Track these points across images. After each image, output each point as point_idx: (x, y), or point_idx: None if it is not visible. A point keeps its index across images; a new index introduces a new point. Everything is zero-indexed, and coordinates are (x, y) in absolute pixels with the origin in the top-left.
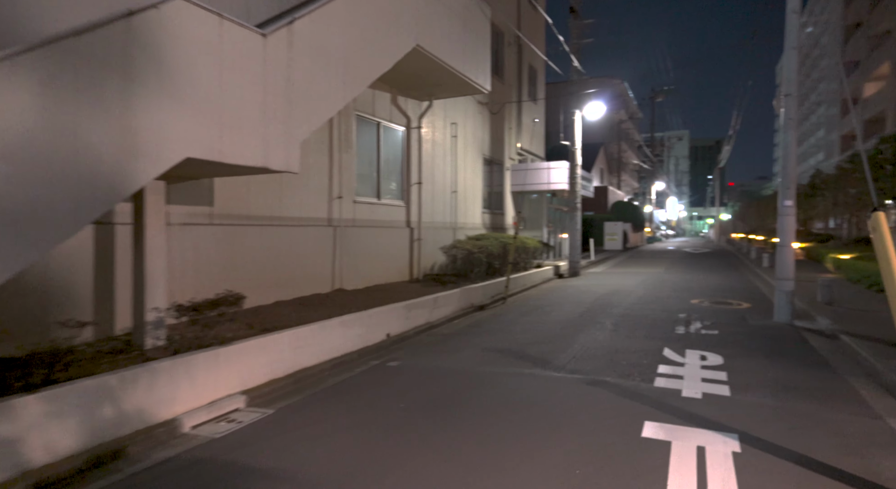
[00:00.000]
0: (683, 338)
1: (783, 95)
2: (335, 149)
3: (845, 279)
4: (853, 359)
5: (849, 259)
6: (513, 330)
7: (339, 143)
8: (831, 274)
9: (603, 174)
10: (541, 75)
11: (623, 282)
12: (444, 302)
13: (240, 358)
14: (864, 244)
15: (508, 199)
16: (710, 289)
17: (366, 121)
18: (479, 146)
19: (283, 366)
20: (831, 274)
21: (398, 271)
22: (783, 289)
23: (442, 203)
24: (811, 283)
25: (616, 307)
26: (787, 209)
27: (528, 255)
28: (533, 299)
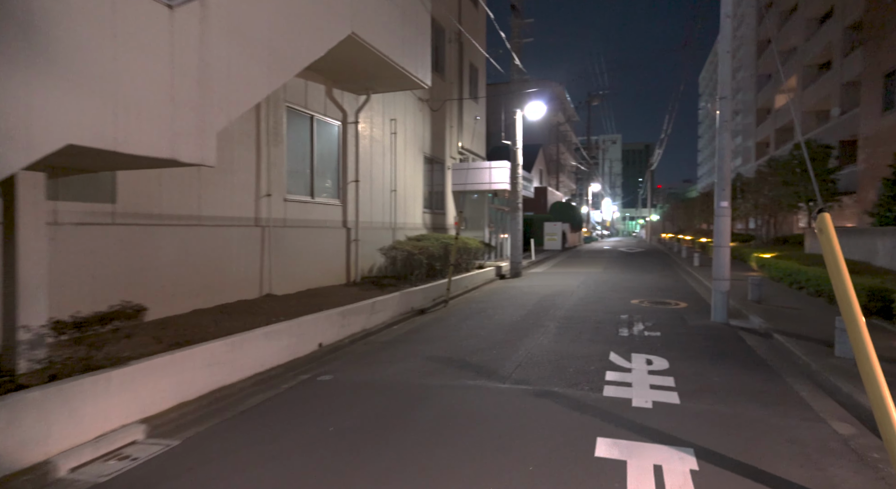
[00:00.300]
0: (628, 340)
1: (718, 98)
2: (263, 142)
3: (768, 277)
4: (788, 359)
5: (770, 258)
6: (455, 335)
7: (267, 136)
8: (755, 272)
9: (542, 175)
10: (482, 74)
11: (564, 282)
12: (383, 306)
13: (139, 380)
14: (781, 243)
15: (450, 199)
16: (648, 288)
17: (298, 113)
18: (420, 144)
19: (196, 387)
20: (755, 272)
21: (334, 274)
22: (719, 290)
23: (381, 202)
24: (740, 282)
25: (559, 309)
26: (723, 210)
27: (469, 256)
28: (475, 302)
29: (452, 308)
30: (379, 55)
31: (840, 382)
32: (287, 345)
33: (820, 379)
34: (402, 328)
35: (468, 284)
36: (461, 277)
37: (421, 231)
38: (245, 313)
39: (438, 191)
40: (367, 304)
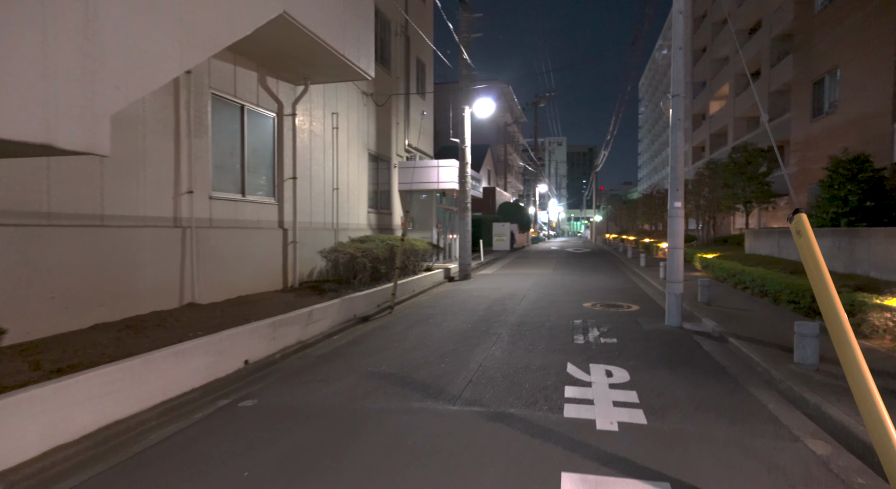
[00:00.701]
0: (584, 349)
1: (671, 96)
2: (184, 133)
3: (712, 277)
4: (748, 365)
5: (713, 258)
6: (400, 346)
7: (189, 126)
8: (699, 272)
9: (490, 176)
10: (429, 70)
11: (515, 284)
12: (322, 315)
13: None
14: (721, 243)
15: (396, 199)
16: (599, 290)
17: (226, 102)
18: (364, 140)
19: (78, 425)
20: (699, 272)
21: (270, 279)
22: (673, 292)
23: (321, 201)
24: (687, 282)
25: (511, 314)
26: (677, 210)
27: (417, 258)
28: (423, 307)
29: (398, 314)
30: (316, 40)
31: (805, 392)
32: (205, 364)
33: (783, 388)
34: (343, 338)
35: (415, 288)
36: (408, 281)
37: (366, 232)
38: (158, 327)
39: (384, 190)
40: (303, 313)
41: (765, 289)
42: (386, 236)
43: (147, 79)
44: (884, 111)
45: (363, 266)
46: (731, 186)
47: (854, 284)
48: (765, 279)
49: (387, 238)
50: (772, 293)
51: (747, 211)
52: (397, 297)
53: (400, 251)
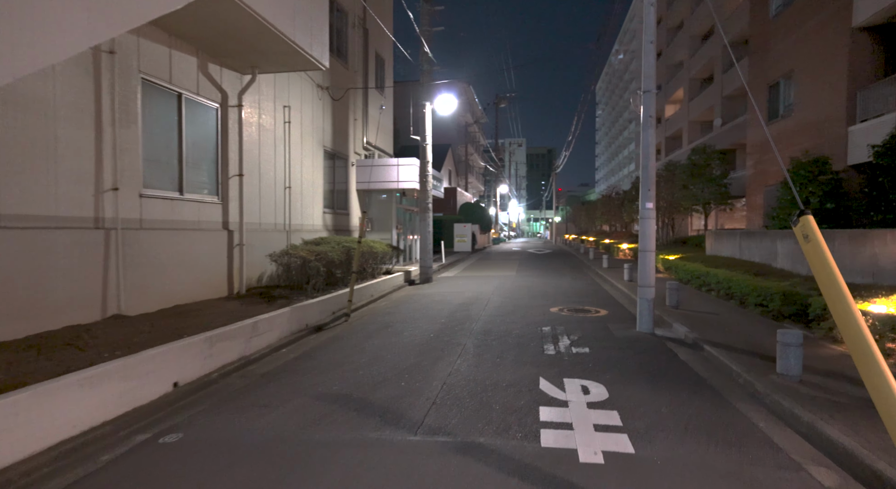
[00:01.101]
0: (556, 360)
1: (642, 92)
2: (107, 121)
3: (676, 279)
4: (728, 376)
5: (676, 260)
6: (356, 360)
7: (113, 113)
8: (662, 274)
9: (451, 176)
10: (389, 65)
11: (478, 288)
12: (268, 326)
13: None
14: (681, 244)
15: (354, 199)
16: (565, 293)
17: (160, 89)
18: (320, 137)
19: None
20: (662, 274)
21: (213, 286)
22: (645, 298)
23: (272, 201)
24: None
25: (475, 321)
26: (648, 212)
27: (376, 261)
28: (382, 314)
29: (355, 322)
30: (263, 23)
31: (795, 408)
32: (121, 391)
33: (769, 403)
34: (292, 352)
35: (374, 292)
36: (366, 285)
37: (321, 233)
38: (68, 347)
39: (341, 189)
40: (247, 326)
41: (731, 291)
42: (343, 238)
43: (44, 51)
44: (838, 115)
45: (317, 270)
46: (689, 188)
47: None
48: (731, 282)
49: (343, 240)
50: (738, 296)
51: (706, 212)
52: (355, 303)
53: (357, 254)
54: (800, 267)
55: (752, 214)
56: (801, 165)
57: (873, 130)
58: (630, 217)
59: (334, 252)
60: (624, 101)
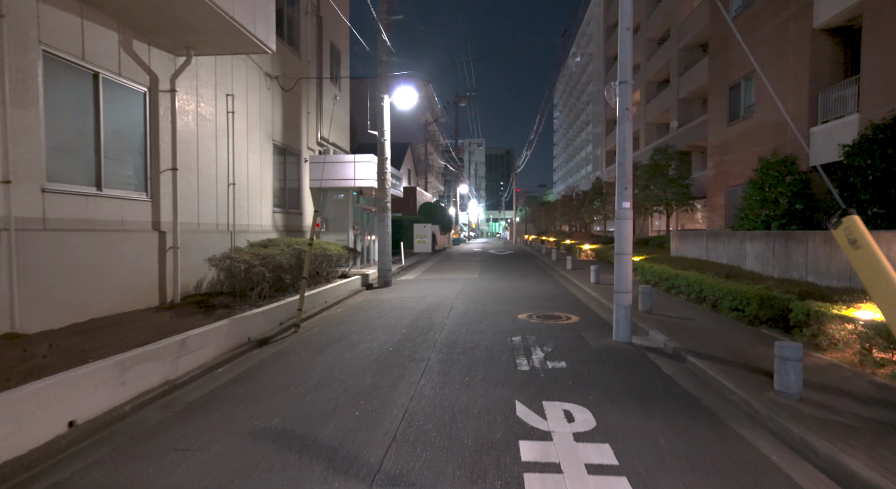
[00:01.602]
0: (531, 378)
1: (618, 83)
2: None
3: (642, 281)
4: (721, 394)
5: (642, 262)
6: (303, 383)
7: (3, 90)
8: None
9: (410, 175)
10: (345, 57)
11: (440, 292)
12: (202, 341)
13: None
14: (644, 245)
15: (307, 197)
16: (532, 298)
17: (69, 66)
18: (269, 129)
19: None
20: None
21: (139, 295)
22: (622, 304)
23: (213, 199)
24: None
25: (439, 331)
26: (625, 212)
27: (330, 265)
28: (336, 323)
29: (306, 334)
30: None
31: (808, 436)
32: None
33: (775, 427)
34: (230, 372)
35: (328, 299)
36: (319, 291)
37: (271, 234)
38: None
39: (293, 187)
40: (173, 343)
41: (702, 295)
42: (294, 240)
43: None
44: (800, 115)
45: (262, 276)
46: (651, 188)
47: (798, 291)
48: (702, 285)
49: (295, 242)
50: (711, 299)
51: (668, 213)
52: (306, 312)
53: (308, 257)
54: (770, 268)
55: (713, 215)
56: (770, 165)
57: (835, 131)
58: (590, 217)
59: (283, 255)
60: (581, 102)
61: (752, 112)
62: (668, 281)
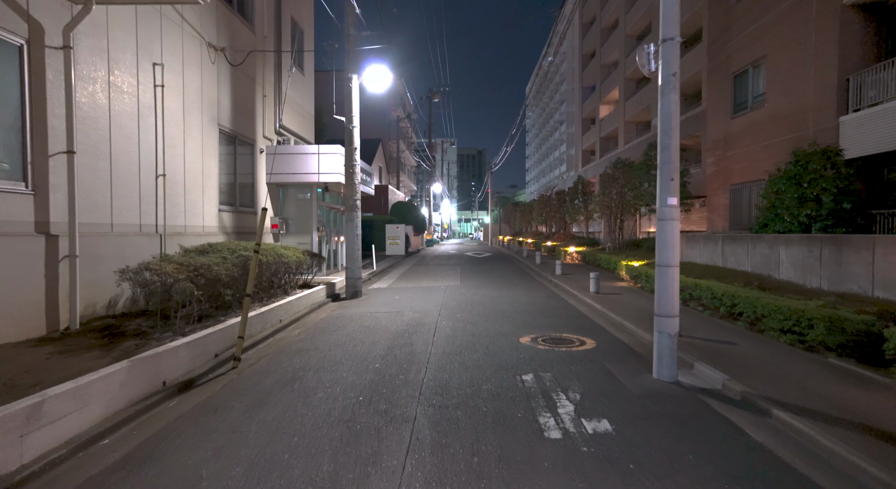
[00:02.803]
0: (570, 456)
1: (660, 43)
2: None
3: (643, 289)
4: (856, 483)
5: (644, 267)
6: (223, 474)
7: None
8: (626, 282)
9: (382, 173)
10: (309, 37)
11: (420, 304)
12: (75, 401)
13: None
14: (635, 248)
15: (263, 193)
16: (527, 312)
17: None
18: (214, 112)
19: None
20: (626, 282)
21: (13, 321)
22: (666, 332)
23: (134, 193)
24: (616, 295)
25: (423, 366)
26: (670, 211)
27: (288, 274)
28: (290, 352)
29: (247, 370)
30: None
31: None
32: None
33: None
34: (116, 448)
35: (285, 316)
36: (273, 307)
37: (216, 237)
38: None
39: (246, 182)
40: (16, 413)
41: (735, 310)
42: (245, 244)
43: None
44: (826, 104)
45: (188, 294)
46: (644, 186)
47: (875, 310)
48: (735, 298)
49: (244, 247)
50: (750, 317)
51: None
52: (255, 335)
53: (253, 268)
54: (813, 279)
55: (713, 216)
56: (806, 156)
57: (871, 120)
58: (572, 218)
59: (224, 265)
60: (555, 102)
61: (761, 102)
62: (685, 291)
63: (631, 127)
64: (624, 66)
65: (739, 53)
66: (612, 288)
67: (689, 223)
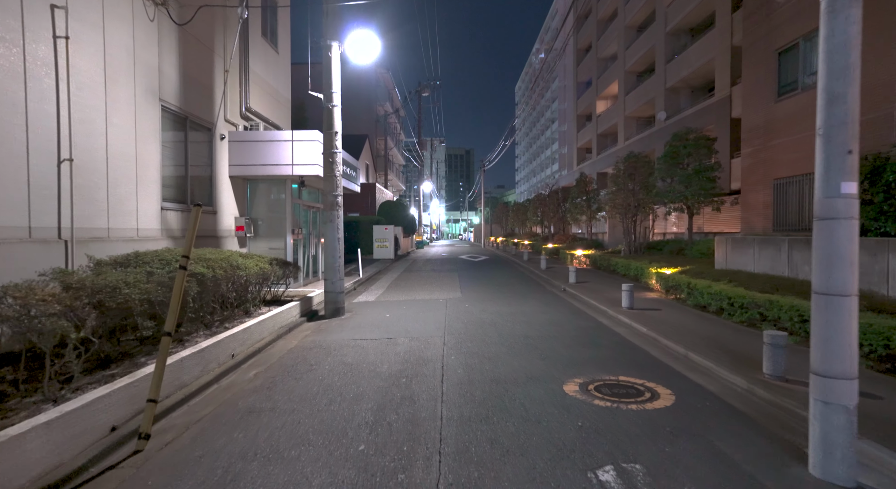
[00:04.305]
0: None
1: None
2: None
3: (683, 303)
4: None
5: (679, 276)
6: None
7: None
8: (655, 293)
9: (369, 171)
10: (285, 17)
11: (417, 327)
12: None
13: None
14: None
15: (225, 189)
16: (554, 337)
17: None
18: (153, 83)
19: None
20: (655, 293)
21: None
22: (838, 402)
23: (20, 182)
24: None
25: (432, 452)
26: (845, 204)
27: (248, 289)
28: (231, 421)
29: (157, 460)
30: None
31: None
32: None
33: None
34: None
35: (239, 348)
36: (223, 338)
37: (158, 243)
38: None
39: (202, 175)
40: None
41: (874, 349)
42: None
43: None
44: None
45: (61, 332)
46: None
47: None
48: (869, 330)
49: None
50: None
51: (691, 212)
52: (191, 383)
53: (178, 290)
54: None
55: (749, 215)
56: None
57: None
58: (574, 217)
59: (142, 286)
60: (546, 100)
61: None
62: (749, 310)
63: (631, 122)
64: (624, 58)
65: (787, 25)
66: (645, 300)
67: (717, 223)
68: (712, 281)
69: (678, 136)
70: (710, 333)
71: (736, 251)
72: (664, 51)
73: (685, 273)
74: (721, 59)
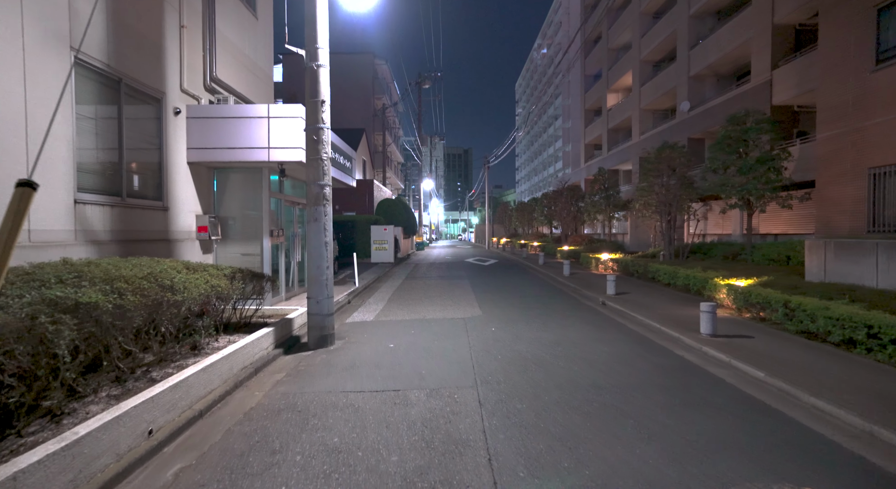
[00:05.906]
0: None
1: None
2: None
3: (776, 327)
4: None
5: (774, 294)
6: None
7: None
8: (723, 310)
9: (366, 167)
10: None
11: (434, 367)
12: None
13: None
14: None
15: (182, 177)
16: (634, 387)
17: None
18: (64, 26)
19: None
20: (723, 310)
21: None
22: None
23: None
24: (759, 338)
25: None
26: None
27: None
28: None
29: None
30: None
31: None
32: None
33: None
34: None
35: (163, 418)
36: (134, 406)
37: (70, 249)
38: None
39: (148, 160)
40: None
41: None
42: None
43: None
44: None
45: None
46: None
47: None
48: None
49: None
50: None
51: (751, 209)
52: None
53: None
54: None
55: (829, 213)
56: None
57: None
58: (591, 217)
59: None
60: (548, 96)
61: None
62: (885, 347)
63: (647, 115)
64: (639, 47)
65: None
66: (720, 322)
67: (773, 223)
68: (822, 298)
69: (735, 118)
70: (865, 382)
71: (843, 258)
72: (687, 36)
73: (768, 286)
74: (759, 40)
